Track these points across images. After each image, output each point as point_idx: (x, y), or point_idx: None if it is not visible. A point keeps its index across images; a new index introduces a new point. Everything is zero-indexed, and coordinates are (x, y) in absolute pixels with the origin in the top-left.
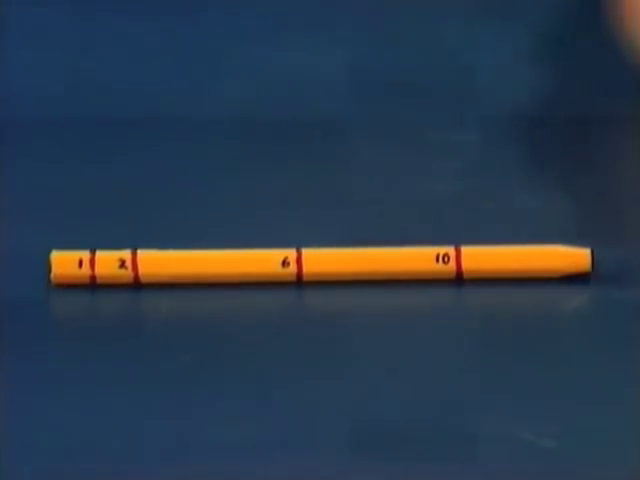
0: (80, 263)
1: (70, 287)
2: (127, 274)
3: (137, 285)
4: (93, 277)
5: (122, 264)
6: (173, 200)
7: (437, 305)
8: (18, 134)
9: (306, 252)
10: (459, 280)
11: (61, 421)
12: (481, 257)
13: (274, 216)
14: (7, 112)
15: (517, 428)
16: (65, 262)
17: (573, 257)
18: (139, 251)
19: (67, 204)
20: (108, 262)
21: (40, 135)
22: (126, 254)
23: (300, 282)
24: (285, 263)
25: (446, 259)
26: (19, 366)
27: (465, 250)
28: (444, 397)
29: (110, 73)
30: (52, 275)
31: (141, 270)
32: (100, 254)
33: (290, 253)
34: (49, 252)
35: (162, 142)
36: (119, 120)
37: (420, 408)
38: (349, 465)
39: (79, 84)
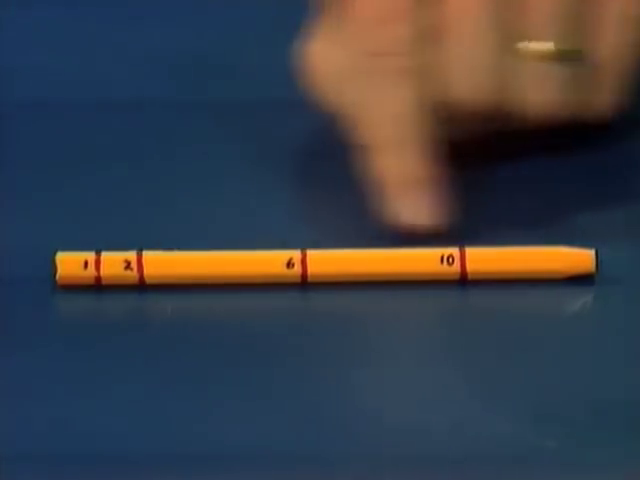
0: (85, 264)
1: (75, 288)
2: (132, 275)
3: (142, 286)
4: (98, 278)
5: (127, 265)
6: (178, 201)
7: (442, 306)
8: (21, 133)
9: (311, 253)
10: (464, 281)
11: (64, 421)
12: (486, 258)
13: (279, 217)
14: (9, 110)
15: (518, 428)
16: (70, 263)
17: (577, 258)
18: (144, 252)
19: (73, 205)
20: (113, 263)
21: (44, 134)
22: (131, 255)
23: (305, 283)
24: (290, 264)
25: (450, 260)
26: (24, 367)
27: (470, 251)
28: (446, 397)
29: (110, 82)
30: (57, 276)
31: (146, 271)
32: (105, 255)
33: (295, 254)
34: (54, 253)
35: (166, 142)
36: (123, 121)
37: (423, 408)
38: (349, 464)
39: (83, 89)
